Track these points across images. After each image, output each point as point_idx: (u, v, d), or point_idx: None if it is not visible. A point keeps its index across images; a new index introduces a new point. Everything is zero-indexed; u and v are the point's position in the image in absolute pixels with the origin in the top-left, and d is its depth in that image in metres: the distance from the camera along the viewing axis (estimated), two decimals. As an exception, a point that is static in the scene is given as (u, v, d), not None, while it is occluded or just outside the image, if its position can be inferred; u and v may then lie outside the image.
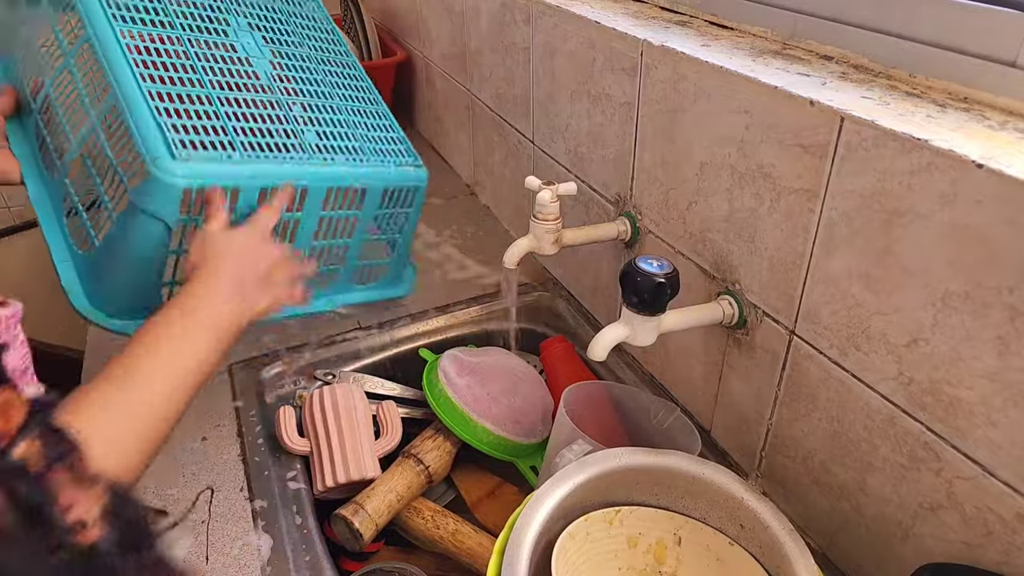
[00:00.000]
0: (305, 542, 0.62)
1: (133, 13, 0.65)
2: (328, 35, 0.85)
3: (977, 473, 0.45)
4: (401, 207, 0.78)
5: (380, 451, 0.72)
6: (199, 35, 0.70)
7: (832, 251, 0.51)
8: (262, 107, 0.69)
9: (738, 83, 0.55)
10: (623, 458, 0.56)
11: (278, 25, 0.79)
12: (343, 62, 0.83)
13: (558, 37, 0.80)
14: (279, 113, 0.70)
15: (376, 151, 0.76)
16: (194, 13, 0.71)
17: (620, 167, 0.75)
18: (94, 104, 0.63)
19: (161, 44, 0.65)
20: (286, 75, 0.74)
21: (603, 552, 0.56)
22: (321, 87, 0.78)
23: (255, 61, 0.73)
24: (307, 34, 0.82)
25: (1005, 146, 0.41)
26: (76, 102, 0.64)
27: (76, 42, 0.64)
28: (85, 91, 0.63)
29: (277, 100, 0.71)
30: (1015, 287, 0.40)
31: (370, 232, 0.78)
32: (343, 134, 0.75)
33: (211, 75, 0.67)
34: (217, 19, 0.72)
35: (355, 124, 0.77)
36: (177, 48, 0.66)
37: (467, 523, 0.69)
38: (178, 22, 0.69)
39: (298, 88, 0.75)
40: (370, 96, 0.83)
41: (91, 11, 0.63)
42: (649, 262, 0.54)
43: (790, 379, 0.59)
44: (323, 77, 0.79)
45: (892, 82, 0.52)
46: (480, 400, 0.74)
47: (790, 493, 0.62)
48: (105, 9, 0.63)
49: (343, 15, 1.47)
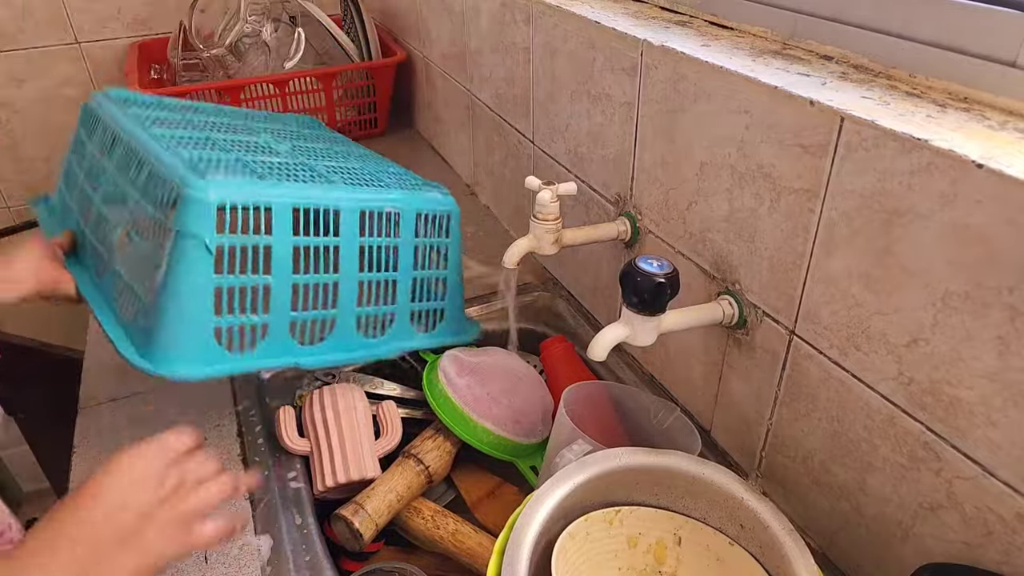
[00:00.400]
0: (305, 542, 0.62)
1: (161, 128, 0.73)
2: (335, 137, 0.96)
3: (977, 473, 0.45)
4: (438, 236, 0.79)
5: (380, 451, 0.72)
6: (224, 135, 0.78)
7: (832, 251, 0.51)
8: (287, 163, 0.74)
9: (738, 83, 0.55)
10: (623, 458, 0.56)
11: (296, 135, 0.90)
12: (354, 150, 0.91)
13: (558, 37, 0.80)
14: (304, 167, 0.74)
15: (401, 185, 0.78)
16: (221, 128, 0.81)
17: (620, 167, 0.75)
18: (131, 181, 0.68)
19: (188, 136, 0.73)
20: (306, 153, 0.81)
21: (603, 552, 0.56)
22: (342, 157, 0.84)
23: (277, 146, 0.80)
24: (318, 136, 0.93)
25: (1005, 146, 0.41)
26: (116, 192, 0.70)
27: (111, 146, 0.73)
28: (122, 177, 0.69)
29: (300, 162, 0.76)
30: (1015, 287, 0.40)
31: (416, 269, 0.78)
32: (367, 177, 0.78)
33: (236, 150, 0.73)
34: (241, 131, 0.82)
35: (378, 173, 0.81)
36: (204, 140, 0.74)
37: (467, 523, 0.69)
38: (207, 131, 0.77)
39: (319, 156, 0.81)
40: (384, 161, 0.89)
41: (122, 123, 0.72)
42: (649, 262, 0.54)
43: (790, 379, 0.59)
44: (343, 152, 0.87)
45: (892, 82, 0.52)
46: (480, 400, 0.74)
47: (790, 493, 0.62)
48: (139, 125, 0.72)
49: (343, 15, 1.47)
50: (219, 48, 1.37)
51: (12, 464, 1.59)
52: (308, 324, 0.69)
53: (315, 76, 1.35)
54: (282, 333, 0.67)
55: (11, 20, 1.41)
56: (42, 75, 1.48)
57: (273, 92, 1.32)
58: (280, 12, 1.44)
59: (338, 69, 1.36)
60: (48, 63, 1.48)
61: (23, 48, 1.45)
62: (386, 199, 0.73)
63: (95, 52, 1.51)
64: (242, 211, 0.62)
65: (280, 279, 0.65)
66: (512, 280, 0.83)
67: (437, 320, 0.81)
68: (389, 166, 0.87)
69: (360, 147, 0.94)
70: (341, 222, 0.68)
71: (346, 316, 0.72)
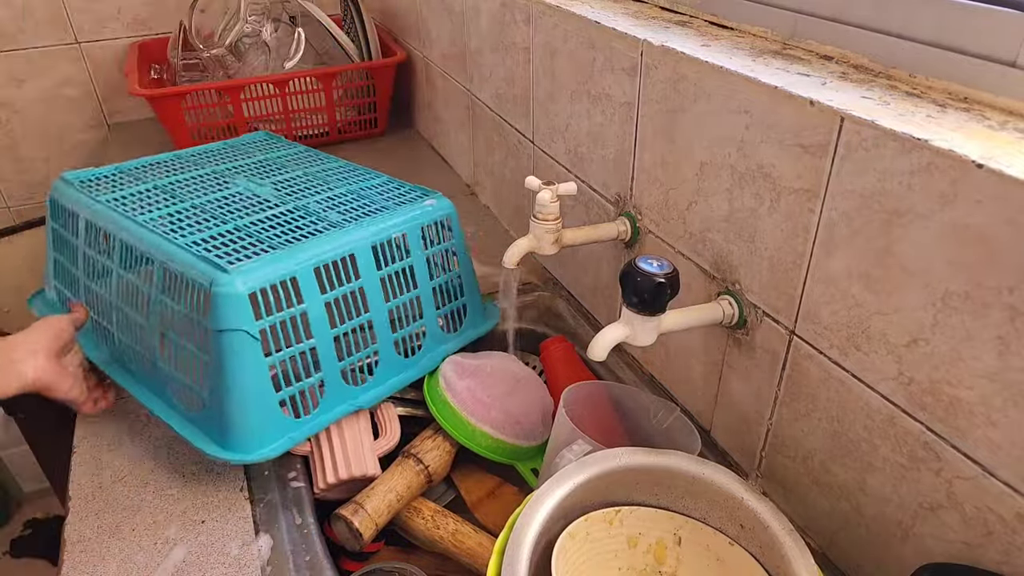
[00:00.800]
0: (305, 542, 0.62)
1: (146, 212, 0.75)
2: (309, 153, 0.96)
3: (977, 473, 0.45)
4: (443, 241, 0.80)
5: (379, 451, 0.72)
6: (207, 197, 0.80)
7: (832, 251, 0.51)
8: (281, 214, 0.76)
9: (738, 83, 0.55)
10: (623, 458, 0.56)
11: (267, 165, 0.91)
12: (325, 164, 0.92)
13: (558, 37, 0.80)
14: (298, 212, 0.77)
15: (398, 203, 0.80)
16: (197, 187, 0.83)
17: (620, 167, 0.75)
18: (144, 278, 0.69)
19: (177, 213, 0.75)
20: (290, 190, 0.83)
21: (603, 552, 0.56)
22: (325, 184, 0.85)
23: (259, 190, 0.83)
24: (281, 158, 0.94)
25: (1005, 146, 0.41)
26: (131, 289, 0.71)
27: (106, 244, 0.74)
28: (132, 275, 0.70)
29: (292, 205, 0.78)
30: (1015, 287, 0.40)
31: (433, 279, 0.80)
32: (362, 204, 0.79)
33: (229, 214, 0.75)
34: (217, 184, 0.84)
35: (367, 192, 0.83)
36: (192, 210, 0.76)
37: (467, 523, 0.69)
38: (188, 198, 0.79)
39: (304, 191, 0.83)
40: (368, 173, 0.89)
41: (112, 219, 0.73)
42: (649, 262, 0.54)
43: (790, 379, 0.59)
44: (322, 175, 0.88)
45: (892, 82, 0.52)
46: (480, 404, 0.74)
47: (790, 493, 0.62)
48: (124, 215, 0.73)
49: (343, 15, 1.47)
50: (219, 48, 1.37)
51: (12, 464, 1.59)
52: (356, 366, 0.73)
53: (315, 76, 1.35)
54: (336, 383, 0.70)
55: (11, 20, 1.41)
56: (42, 75, 1.48)
57: (273, 92, 1.32)
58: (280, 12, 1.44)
59: (338, 69, 1.36)
60: (48, 63, 1.48)
61: (23, 48, 1.45)
62: (391, 225, 0.75)
63: (95, 52, 1.51)
64: (271, 289, 0.64)
65: (322, 337, 0.68)
66: (512, 280, 0.83)
67: (462, 316, 0.84)
68: (371, 177, 0.88)
69: (327, 157, 0.95)
70: (358, 264, 0.71)
71: (386, 346, 0.75)
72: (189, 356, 0.66)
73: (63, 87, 1.51)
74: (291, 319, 0.65)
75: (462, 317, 0.84)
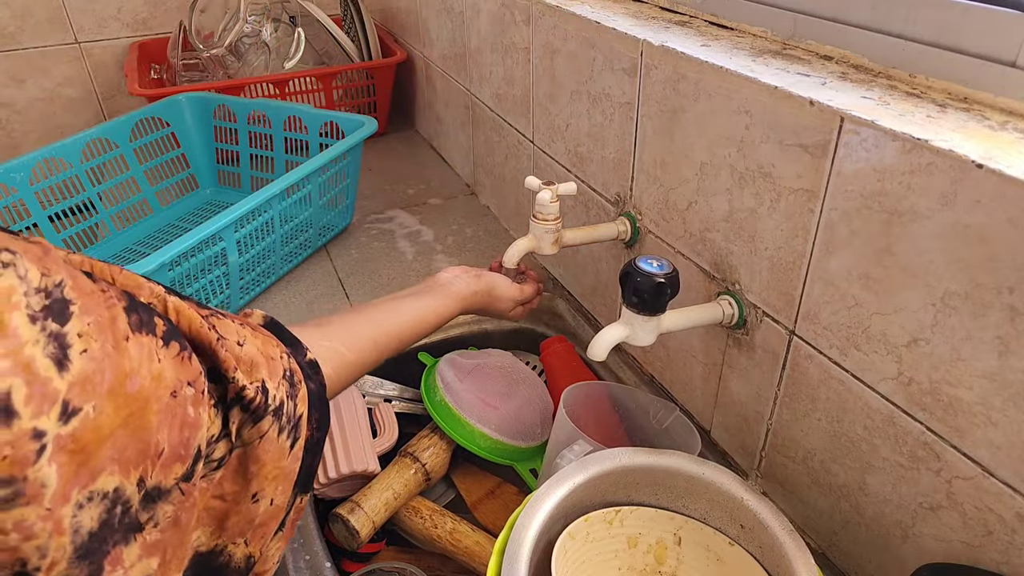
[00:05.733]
0: (305, 542, 0.62)
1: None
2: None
3: (977, 473, 0.45)
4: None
5: (377, 449, 0.72)
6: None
7: (832, 251, 0.51)
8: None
9: (738, 83, 0.55)
10: (623, 458, 0.56)
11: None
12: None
13: (558, 37, 0.80)
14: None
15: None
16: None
17: (620, 167, 0.75)
18: None
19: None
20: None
21: (603, 552, 0.56)
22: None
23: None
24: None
25: (1005, 146, 0.41)
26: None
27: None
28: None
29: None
30: (1015, 287, 0.40)
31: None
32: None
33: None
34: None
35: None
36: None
37: (464, 522, 0.69)
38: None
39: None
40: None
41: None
42: (649, 262, 0.54)
43: (790, 379, 0.59)
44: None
45: (892, 82, 0.52)
46: (478, 405, 0.74)
47: (790, 493, 0.62)
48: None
49: (343, 15, 1.47)
50: (219, 48, 1.37)
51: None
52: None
53: (315, 76, 1.35)
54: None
55: (11, 20, 1.41)
56: (42, 75, 1.48)
57: (273, 92, 1.32)
58: (280, 12, 1.44)
59: (338, 69, 1.36)
60: (48, 63, 1.48)
61: (23, 48, 1.45)
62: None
63: (95, 52, 1.51)
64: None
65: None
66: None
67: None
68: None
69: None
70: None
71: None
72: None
73: (63, 87, 1.51)
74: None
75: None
